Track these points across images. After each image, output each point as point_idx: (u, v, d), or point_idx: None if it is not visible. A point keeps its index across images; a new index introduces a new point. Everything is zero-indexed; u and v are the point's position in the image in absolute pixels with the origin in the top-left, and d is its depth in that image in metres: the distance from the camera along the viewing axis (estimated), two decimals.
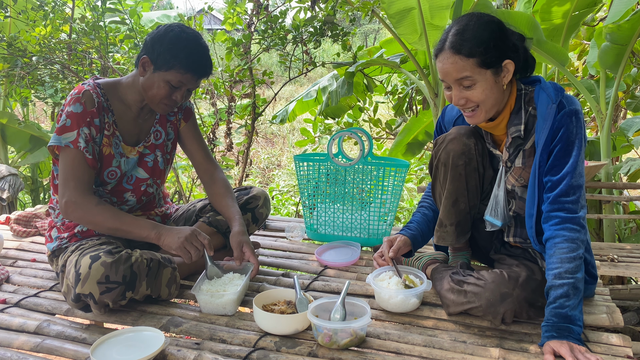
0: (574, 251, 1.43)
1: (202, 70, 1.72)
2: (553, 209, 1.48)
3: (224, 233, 1.97)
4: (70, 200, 1.65)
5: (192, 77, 1.70)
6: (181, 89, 1.72)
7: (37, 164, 4.68)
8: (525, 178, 1.59)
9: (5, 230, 2.47)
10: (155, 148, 1.90)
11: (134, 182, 1.85)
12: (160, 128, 1.91)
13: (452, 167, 1.69)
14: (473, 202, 1.75)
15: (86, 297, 1.55)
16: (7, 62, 3.75)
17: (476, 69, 1.45)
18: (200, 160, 1.99)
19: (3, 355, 1.42)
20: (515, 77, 1.56)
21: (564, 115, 1.48)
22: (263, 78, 3.66)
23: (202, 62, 1.71)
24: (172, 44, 1.66)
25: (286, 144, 8.16)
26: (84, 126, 1.68)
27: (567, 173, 1.47)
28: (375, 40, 16.23)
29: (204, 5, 3.77)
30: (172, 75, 1.68)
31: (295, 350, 1.44)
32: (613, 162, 3.65)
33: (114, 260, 1.54)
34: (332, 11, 3.38)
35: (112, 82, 1.80)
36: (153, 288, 1.65)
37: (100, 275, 1.52)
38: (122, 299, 1.57)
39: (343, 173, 2.32)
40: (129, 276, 1.56)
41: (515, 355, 1.41)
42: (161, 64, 1.67)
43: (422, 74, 3.40)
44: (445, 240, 1.78)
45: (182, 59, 1.66)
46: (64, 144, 1.67)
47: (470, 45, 1.43)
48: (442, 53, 1.48)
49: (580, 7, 3.08)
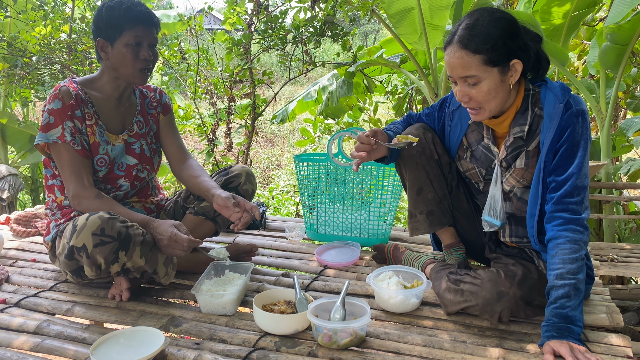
0: (576, 252, 1.42)
1: (147, 17, 1.76)
2: (557, 210, 1.47)
3: (213, 219, 1.97)
4: (75, 194, 1.72)
5: (143, 28, 1.75)
6: (143, 46, 1.76)
7: (37, 164, 4.68)
8: (528, 179, 1.59)
9: (5, 230, 2.47)
10: (140, 137, 1.94)
11: (125, 169, 1.89)
12: (141, 119, 1.96)
13: (408, 159, 1.77)
14: (442, 192, 1.78)
15: (79, 252, 1.56)
16: (7, 62, 3.75)
17: (482, 66, 1.43)
18: (174, 152, 2.04)
19: (3, 355, 1.42)
20: (526, 77, 1.55)
21: (571, 115, 1.47)
22: (263, 78, 3.66)
23: (145, 12, 1.76)
24: (109, 12, 1.73)
25: (286, 144, 8.16)
26: (67, 120, 1.73)
27: (572, 174, 1.46)
28: (375, 40, 16.24)
29: (204, 5, 3.77)
30: (126, 37, 1.73)
31: (295, 350, 1.44)
32: (613, 162, 3.65)
33: (111, 217, 1.58)
34: (332, 11, 3.38)
35: (87, 77, 1.87)
36: (149, 260, 1.64)
37: (96, 227, 1.54)
38: (115, 258, 1.57)
39: (343, 173, 2.32)
40: (124, 234, 1.57)
41: (515, 355, 1.41)
42: (112, 34, 1.73)
43: (422, 74, 3.40)
44: (418, 230, 1.82)
45: (123, 17, 1.72)
46: (52, 140, 1.72)
47: (478, 41, 1.42)
48: (450, 46, 1.48)
49: (580, 7, 3.08)
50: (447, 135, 1.78)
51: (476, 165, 1.70)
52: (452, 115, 1.76)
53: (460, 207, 1.82)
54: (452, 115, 1.76)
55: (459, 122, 1.73)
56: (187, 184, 1.99)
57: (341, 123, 4.32)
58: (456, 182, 1.81)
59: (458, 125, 1.74)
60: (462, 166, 1.75)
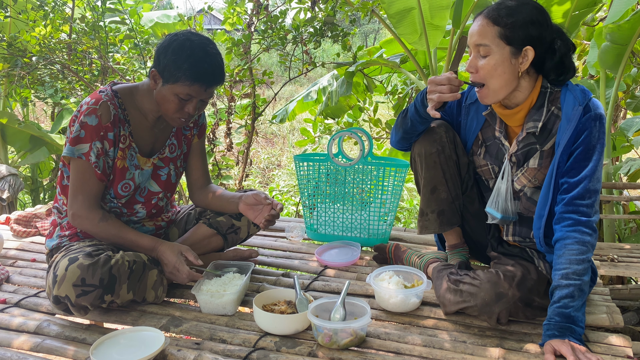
0: (583, 254, 1.42)
1: (210, 79, 1.62)
2: (567, 211, 1.48)
3: (224, 235, 1.96)
4: (76, 214, 1.66)
5: (199, 88, 1.62)
6: (192, 101, 1.65)
7: (37, 164, 4.68)
8: (540, 179, 1.59)
9: (5, 230, 2.47)
10: (170, 161, 1.86)
11: (146, 195, 1.82)
12: (175, 141, 1.87)
13: (426, 156, 1.76)
14: (455, 192, 1.77)
15: (63, 300, 1.53)
16: (7, 62, 3.75)
17: (496, 39, 1.46)
18: (198, 177, 1.98)
19: (3, 355, 1.42)
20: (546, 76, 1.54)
21: (589, 119, 1.47)
22: (263, 78, 3.66)
23: (209, 71, 1.61)
24: (175, 55, 1.59)
25: (286, 144, 8.15)
26: (97, 140, 1.64)
27: (585, 176, 1.47)
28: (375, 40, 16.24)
29: (204, 5, 3.77)
30: (179, 88, 1.61)
31: (295, 350, 1.44)
32: (613, 162, 3.65)
33: (91, 263, 1.52)
34: (332, 12, 3.38)
35: (129, 89, 1.75)
36: (136, 291, 1.62)
37: (76, 278, 1.49)
38: (100, 302, 1.55)
39: (343, 173, 2.32)
40: (107, 279, 1.52)
41: (515, 355, 1.41)
42: (167, 77, 1.61)
43: (422, 74, 3.40)
44: (428, 229, 1.82)
45: (186, 70, 1.58)
46: (77, 156, 1.64)
47: (502, 14, 1.47)
48: (478, 16, 1.52)
49: (580, 7, 3.07)
50: (462, 129, 1.79)
51: (489, 162, 1.70)
52: (469, 109, 1.76)
53: (471, 207, 1.82)
54: (469, 109, 1.76)
55: (475, 116, 1.74)
56: (209, 204, 1.96)
57: (341, 123, 4.32)
58: (472, 183, 1.80)
59: (474, 120, 1.74)
60: (475, 162, 1.76)
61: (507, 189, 1.63)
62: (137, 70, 3.79)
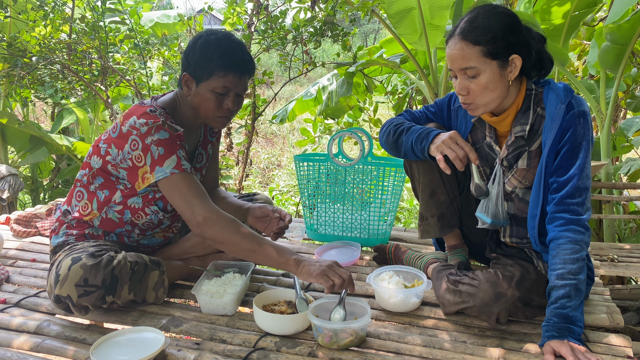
0: (577, 252, 1.42)
1: (242, 65, 1.61)
2: (558, 210, 1.47)
3: None
4: (206, 218, 1.56)
5: (234, 77, 1.61)
6: (229, 95, 1.63)
7: (37, 164, 4.68)
8: (530, 179, 1.59)
9: (5, 230, 2.47)
10: (197, 171, 1.84)
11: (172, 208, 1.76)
12: (202, 151, 1.86)
13: (423, 160, 1.72)
14: (453, 194, 1.77)
15: (65, 299, 1.52)
16: (7, 62, 3.75)
17: (481, 58, 1.44)
18: (209, 181, 1.96)
19: (3, 355, 1.42)
20: (528, 77, 1.54)
21: (573, 116, 1.47)
22: (263, 78, 3.66)
23: (241, 57, 1.61)
24: (204, 50, 1.59)
25: (286, 144, 8.15)
26: (179, 149, 1.60)
27: (573, 175, 1.47)
28: (375, 40, 16.25)
29: (204, 5, 3.77)
30: (214, 82, 1.60)
31: (295, 350, 1.44)
32: (613, 162, 3.65)
33: (94, 264, 1.51)
34: (332, 11, 3.38)
35: (170, 102, 1.71)
36: (137, 292, 1.61)
37: (79, 278, 1.49)
38: (102, 302, 1.54)
39: (343, 173, 2.32)
40: (109, 280, 1.52)
41: (515, 355, 1.41)
42: (200, 75, 1.60)
43: (422, 74, 3.41)
44: (429, 233, 1.81)
45: (218, 59, 1.58)
46: (170, 172, 1.56)
47: (479, 32, 1.43)
48: (451, 39, 1.49)
49: (580, 7, 3.08)
50: None
51: (480, 164, 1.70)
52: (457, 112, 1.76)
53: (468, 208, 1.82)
54: (457, 112, 1.76)
55: (464, 120, 1.73)
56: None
57: (341, 123, 4.32)
58: (468, 184, 1.80)
59: (463, 123, 1.73)
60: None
61: (498, 193, 1.62)
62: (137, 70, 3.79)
